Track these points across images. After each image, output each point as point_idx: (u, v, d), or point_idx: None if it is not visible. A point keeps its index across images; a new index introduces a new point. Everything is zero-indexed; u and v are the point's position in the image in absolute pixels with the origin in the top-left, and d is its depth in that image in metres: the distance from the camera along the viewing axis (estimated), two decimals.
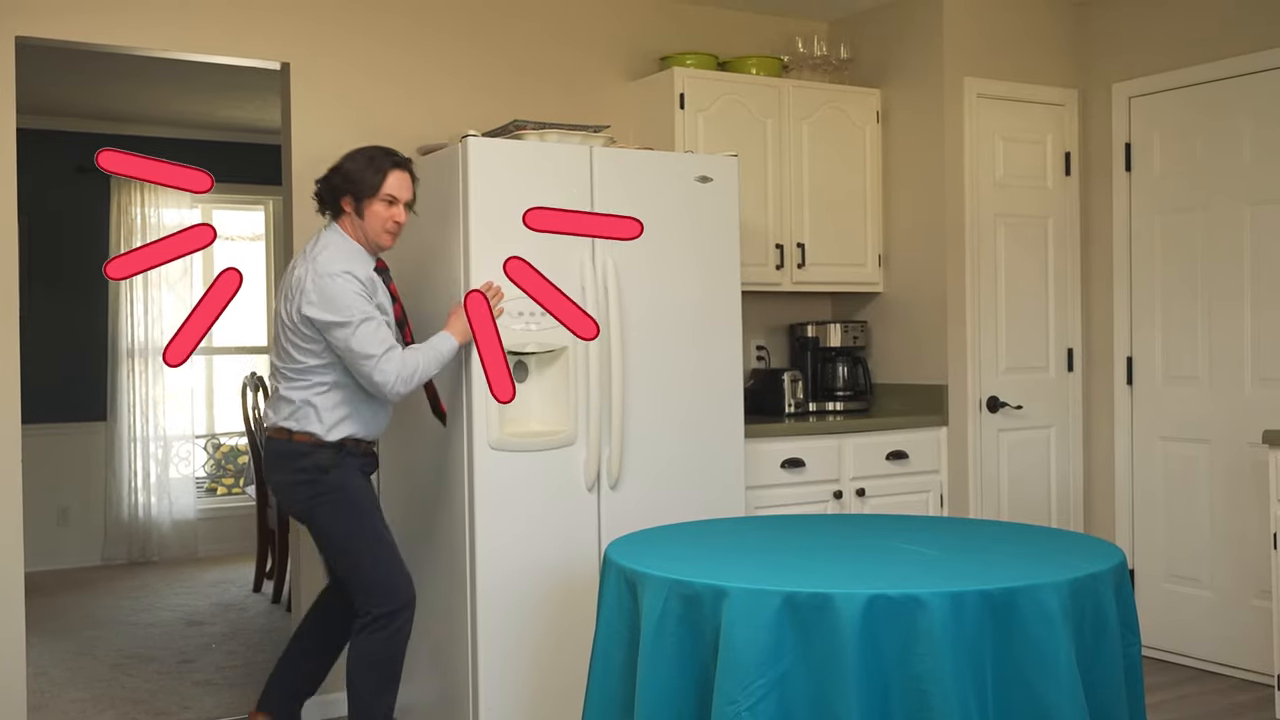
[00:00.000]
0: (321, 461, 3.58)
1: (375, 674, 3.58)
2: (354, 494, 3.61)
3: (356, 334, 3.50)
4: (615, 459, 3.99)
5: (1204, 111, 4.82)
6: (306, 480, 3.59)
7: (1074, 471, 5.27)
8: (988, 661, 2.40)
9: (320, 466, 3.58)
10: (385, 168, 3.62)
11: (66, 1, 4.05)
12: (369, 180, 3.60)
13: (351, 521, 3.60)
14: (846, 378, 5.22)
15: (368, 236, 3.65)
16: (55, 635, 5.69)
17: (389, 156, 3.66)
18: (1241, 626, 4.69)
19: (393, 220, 3.64)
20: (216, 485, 8.12)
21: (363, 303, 3.53)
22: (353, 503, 3.60)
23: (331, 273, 3.52)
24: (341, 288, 3.51)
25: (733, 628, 2.40)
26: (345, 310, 3.50)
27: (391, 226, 3.64)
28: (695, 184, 4.20)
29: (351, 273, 3.54)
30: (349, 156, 3.68)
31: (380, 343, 3.52)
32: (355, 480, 3.63)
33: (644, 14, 5.07)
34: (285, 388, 3.64)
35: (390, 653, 3.59)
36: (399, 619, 3.58)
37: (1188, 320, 4.88)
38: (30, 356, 5.66)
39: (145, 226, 7.52)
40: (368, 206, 3.61)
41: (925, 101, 5.05)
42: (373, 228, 3.63)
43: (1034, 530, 3.18)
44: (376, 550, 3.60)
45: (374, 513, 3.66)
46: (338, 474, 3.59)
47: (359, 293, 3.53)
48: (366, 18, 4.51)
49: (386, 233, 3.65)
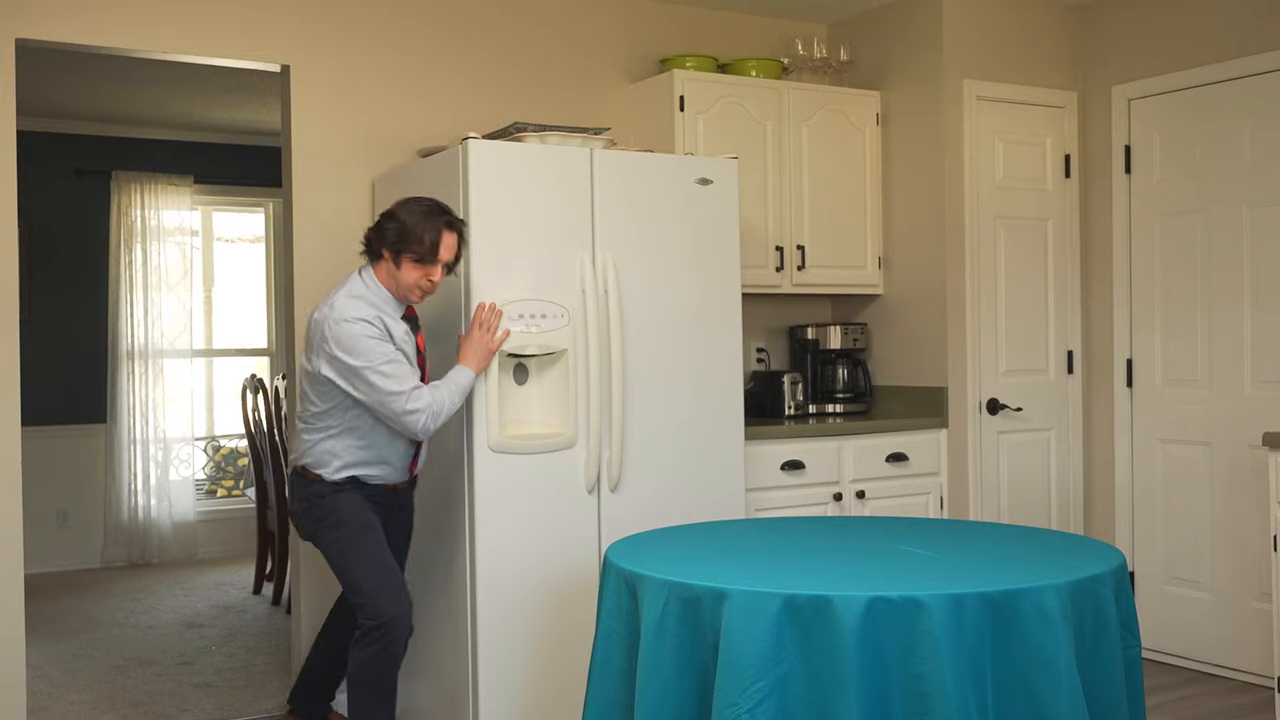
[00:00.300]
0: (322, 490, 3.69)
1: (367, 686, 3.64)
2: (345, 514, 3.68)
3: (380, 373, 3.53)
4: (615, 461, 3.99)
5: (1203, 114, 4.82)
6: (309, 507, 3.72)
7: (1074, 473, 5.27)
8: (988, 663, 2.40)
9: (319, 494, 3.70)
10: (439, 228, 3.57)
11: (67, 3, 4.05)
12: (419, 240, 3.55)
13: (342, 539, 3.68)
14: (846, 380, 5.23)
15: (397, 290, 3.64)
16: (55, 637, 5.68)
17: (442, 215, 3.60)
18: (1241, 628, 4.69)
19: (427, 280, 3.61)
20: (216, 487, 8.11)
21: (380, 345, 3.55)
22: (344, 521, 3.68)
23: (347, 318, 3.54)
24: (358, 333, 3.53)
25: (733, 630, 2.41)
26: (365, 354, 3.52)
27: (426, 285, 3.62)
28: (695, 186, 4.20)
29: (365, 319, 3.55)
30: (405, 208, 3.61)
31: (405, 379, 3.55)
32: (349, 501, 3.70)
33: (644, 16, 5.07)
34: (302, 429, 3.76)
35: (380, 668, 3.62)
36: (388, 633, 3.60)
37: (1188, 323, 4.88)
38: (30, 358, 5.67)
39: (145, 228, 7.52)
40: (404, 264, 3.58)
41: (925, 104, 5.05)
42: (405, 284, 3.61)
43: (1034, 532, 3.18)
44: (366, 565, 3.65)
45: (366, 531, 3.69)
46: (334, 498, 3.69)
47: (375, 336, 3.55)
48: (367, 20, 4.52)
49: (418, 289, 3.62)
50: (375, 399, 3.55)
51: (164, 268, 7.59)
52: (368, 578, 3.63)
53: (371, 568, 3.64)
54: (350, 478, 3.69)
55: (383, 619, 3.59)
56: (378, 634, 3.59)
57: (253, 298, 8.23)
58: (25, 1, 3.99)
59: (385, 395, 3.53)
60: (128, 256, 7.49)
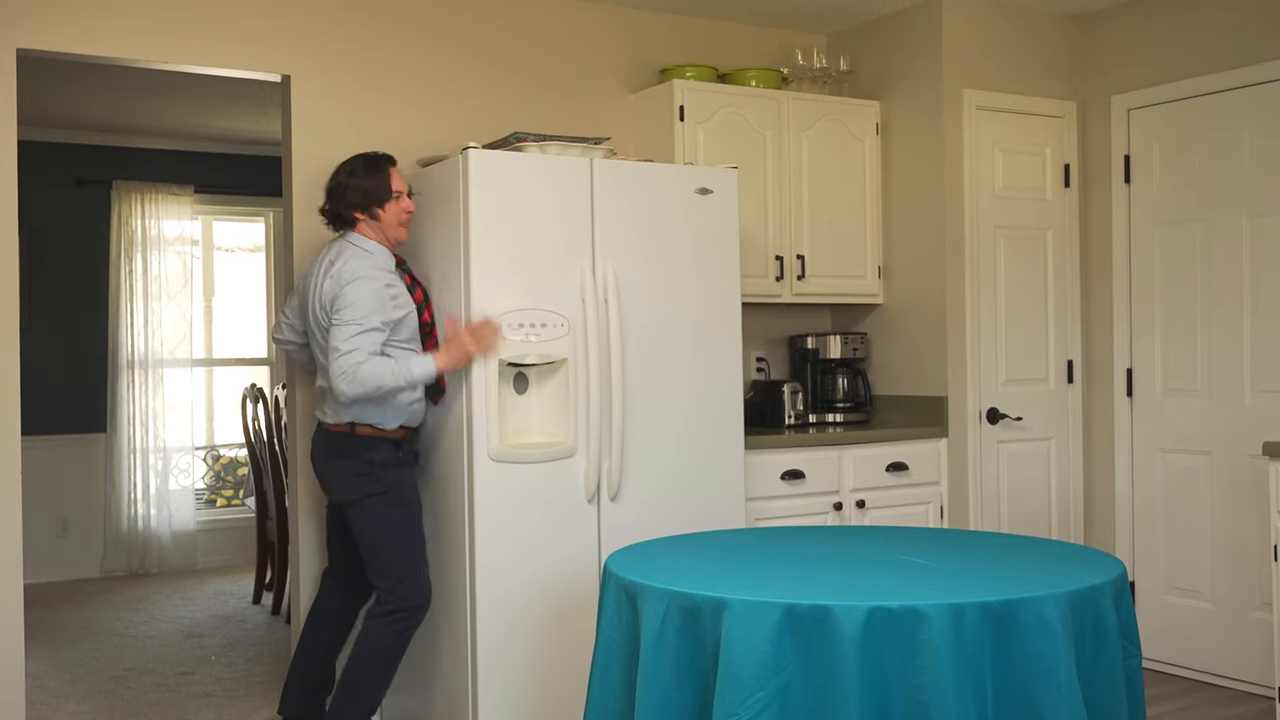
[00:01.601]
0: (383, 460, 3.78)
1: (377, 662, 3.78)
2: (409, 494, 3.86)
3: (342, 330, 3.65)
4: (615, 470, 3.99)
5: (1202, 123, 4.83)
6: (363, 474, 3.77)
7: (1074, 483, 5.27)
8: (988, 673, 2.39)
9: (381, 463, 3.78)
10: (384, 167, 3.86)
11: (67, 13, 4.06)
12: (377, 186, 3.82)
13: (398, 519, 3.80)
14: (846, 389, 5.23)
15: (387, 235, 3.85)
16: (54, 647, 5.68)
17: (380, 158, 3.89)
18: (1242, 638, 4.69)
19: (404, 211, 3.87)
20: (216, 497, 8.11)
21: (372, 311, 3.66)
22: (405, 501, 3.84)
23: (357, 277, 3.69)
24: (363, 290, 3.67)
25: (733, 640, 2.40)
26: (352, 310, 3.65)
27: (404, 218, 3.88)
28: (695, 196, 4.21)
29: (371, 277, 3.71)
30: (347, 172, 3.85)
31: (352, 341, 3.63)
32: (409, 480, 3.87)
33: (644, 26, 5.08)
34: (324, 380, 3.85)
35: (394, 647, 3.80)
36: (414, 615, 3.81)
37: (1187, 332, 4.88)
38: (30, 368, 5.67)
39: (145, 238, 7.53)
40: (382, 208, 3.82)
41: (925, 113, 5.06)
42: (390, 224, 3.84)
43: (1034, 542, 3.18)
44: (413, 549, 3.82)
45: (419, 514, 3.89)
46: (396, 473, 3.81)
47: (375, 296, 3.67)
48: (367, 30, 4.53)
49: (402, 225, 3.87)
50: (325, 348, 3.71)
51: (164, 277, 7.59)
52: (411, 559, 3.80)
53: (416, 552, 3.82)
54: (402, 426, 3.81)
55: (413, 602, 3.79)
56: (404, 614, 3.78)
57: (253, 307, 8.23)
58: (26, 11, 4.00)
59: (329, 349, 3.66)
60: (128, 266, 7.50)
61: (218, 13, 4.28)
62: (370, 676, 3.78)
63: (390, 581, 3.77)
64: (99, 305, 7.50)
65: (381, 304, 3.68)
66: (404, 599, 3.78)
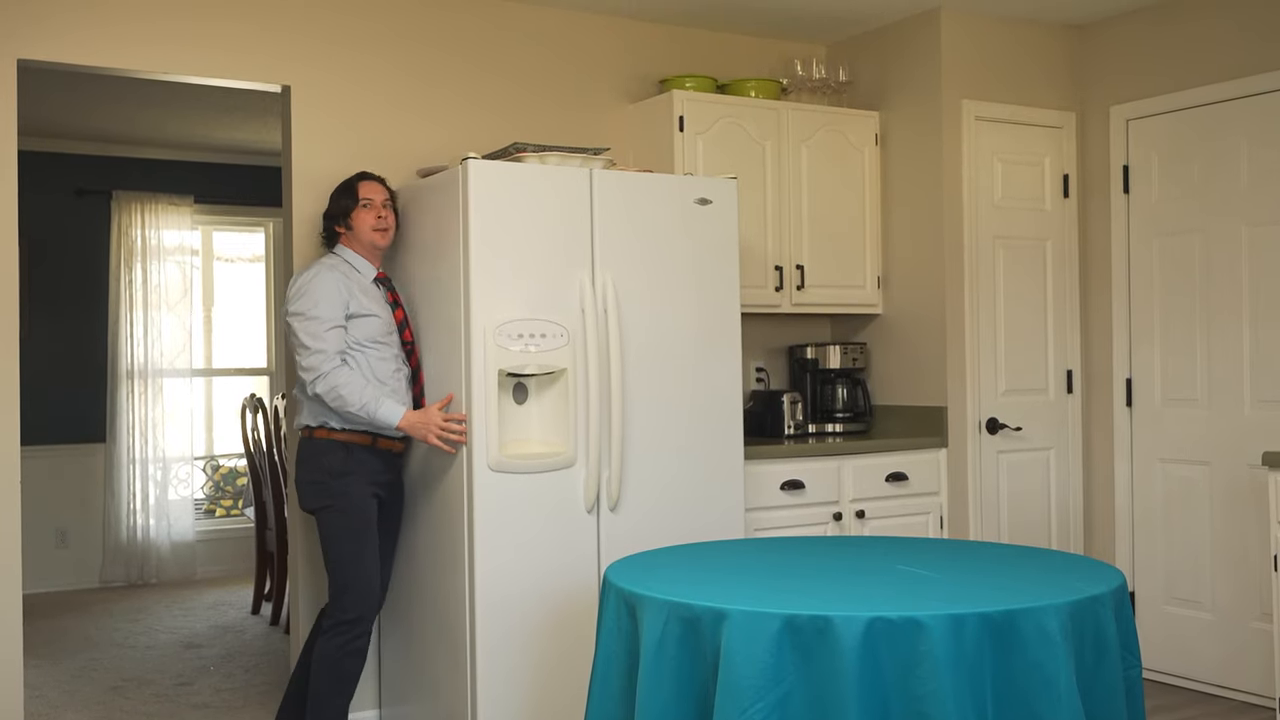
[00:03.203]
0: (332, 467, 3.80)
1: (323, 678, 3.79)
2: (353, 505, 3.82)
3: (306, 324, 3.77)
4: (615, 480, 3.99)
5: (1201, 134, 4.83)
6: (317, 485, 3.84)
7: (1074, 493, 5.26)
8: (988, 684, 2.39)
9: (331, 471, 3.80)
10: (354, 182, 4.00)
11: (67, 24, 4.07)
12: (346, 198, 3.98)
13: (341, 529, 3.81)
14: (846, 399, 5.23)
15: (363, 242, 3.95)
16: (53, 657, 5.67)
17: (355, 175, 4.04)
18: (1242, 648, 4.68)
19: (375, 217, 3.95)
20: (215, 507, 8.10)
21: (328, 306, 3.78)
22: (349, 512, 3.82)
23: (308, 276, 3.86)
24: (313, 286, 3.82)
25: (732, 650, 2.40)
26: (307, 303, 3.78)
27: (376, 223, 3.95)
28: (694, 206, 4.21)
29: (323, 276, 3.84)
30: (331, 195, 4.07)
31: (319, 340, 3.75)
32: (358, 491, 3.83)
33: (643, 37, 5.09)
34: (298, 389, 3.92)
35: (339, 661, 3.79)
36: (354, 629, 3.79)
37: (1186, 342, 4.89)
38: (30, 378, 5.66)
39: (145, 248, 7.54)
40: (354, 218, 3.95)
41: (924, 124, 5.06)
42: (363, 230, 3.94)
43: (1034, 552, 3.18)
44: (351, 561, 3.81)
45: (364, 528, 3.83)
46: (343, 482, 3.81)
47: (329, 294, 3.79)
48: (367, 40, 4.53)
49: (376, 231, 3.96)
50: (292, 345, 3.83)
51: (164, 287, 7.59)
52: (350, 571, 3.79)
53: (358, 564, 3.80)
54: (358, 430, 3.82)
55: (350, 615, 3.78)
56: (344, 628, 3.78)
57: (252, 317, 8.23)
58: (26, 22, 4.01)
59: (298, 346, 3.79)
60: (128, 276, 7.50)
61: (218, 23, 4.29)
62: (324, 693, 3.78)
63: (332, 593, 3.82)
64: (99, 315, 7.50)
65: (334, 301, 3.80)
66: (344, 611, 3.79)
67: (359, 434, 3.84)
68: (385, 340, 3.90)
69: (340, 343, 3.80)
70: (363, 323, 3.85)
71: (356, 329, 3.84)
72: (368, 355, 3.86)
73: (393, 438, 3.90)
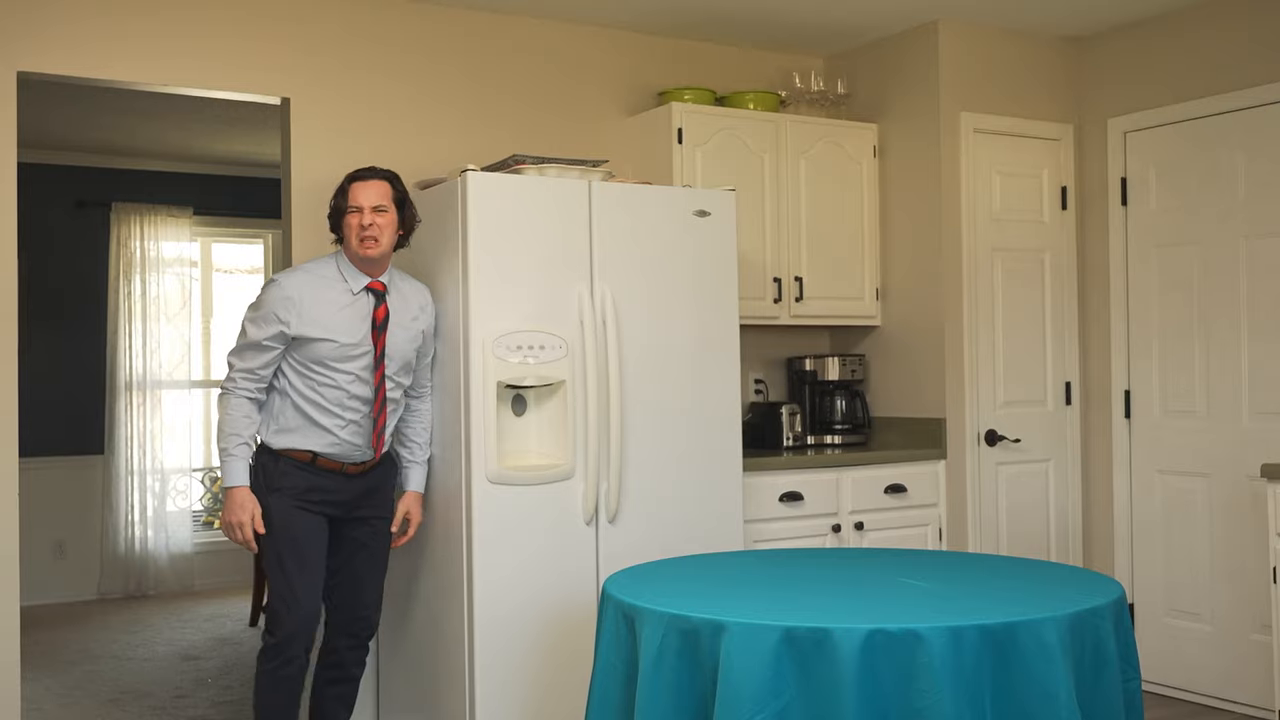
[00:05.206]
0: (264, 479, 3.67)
1: (258, 704, 3.68)
2: (275, 519, 3.64)
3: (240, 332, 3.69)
4: (613, 492, 3.99)
5: (1199, 146, 4.84)
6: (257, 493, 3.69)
7: (1072, 505, 5.26)
8: (987, 696, 2.39)
9: (260, 486, 3.66)
10: (346, 183, 3.78)
11: (68, 36, 4.08)
12: (338, 199, 3.79)
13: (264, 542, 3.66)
14: (844, 411, 5.23)
15: (351, 251, 3.73)
16: (51, 670, 5.65)
17: (351, 173, 3.81)
18: (1241, 661, 4.67)
19: (357, 226, 3.68)
20: (214, 519, 8.09)
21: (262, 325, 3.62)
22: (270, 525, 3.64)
23: (279, 277, 3.72)
24: (266, 295, 3.67)
25: (731, 662, 2.40)
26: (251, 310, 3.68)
27: (357, 231, 3.68)
28: (693, 218, 4.21)
29: (279, 281, 3.68)
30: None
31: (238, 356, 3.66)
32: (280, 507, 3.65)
33: (642, 49, 5.10)
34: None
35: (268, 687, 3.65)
36: (282, 652, 3.62)
37: (1185, 354, 4.89)
38: (29, 389, 5.66)
39: (144, 259, 7.54)
40: (344, 224, 3.74)
41: (922, 136, 5.07)
42: (349, 239, 3.72)
43: (1033, 564, 3.18)
44: (276, 579, 3.66)
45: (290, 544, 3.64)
46: (266, 496, 3.65)
47: (269, 311, 3.62)
48: (366, 53, 4.54)
49: (360, 240, 3.68)
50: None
51: (163, 298, 7.60)
52: (273, 591, 3.65)
53: (279, 584, 3.64)
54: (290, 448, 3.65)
55: (273, 639, 3.63)
56: (269, 651, 3.63)
57: None
58: (26, 34, 4.01)
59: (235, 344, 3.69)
60: (127, 287, 7.51)
61: (218, 36, 4.30)
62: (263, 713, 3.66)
63: (265, 612, 3.71)
64: (97, 327, 7.50)
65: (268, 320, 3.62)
66: (269, 634, 3.63)
67: (296, 449, 3.67)
68: (339, 366, 3.64)
69: (258, 361, 3.62)
70: (311, 346, 3.62)
71: (301, 351, 3.63)
72: (311, 381, 3.64)
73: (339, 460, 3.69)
